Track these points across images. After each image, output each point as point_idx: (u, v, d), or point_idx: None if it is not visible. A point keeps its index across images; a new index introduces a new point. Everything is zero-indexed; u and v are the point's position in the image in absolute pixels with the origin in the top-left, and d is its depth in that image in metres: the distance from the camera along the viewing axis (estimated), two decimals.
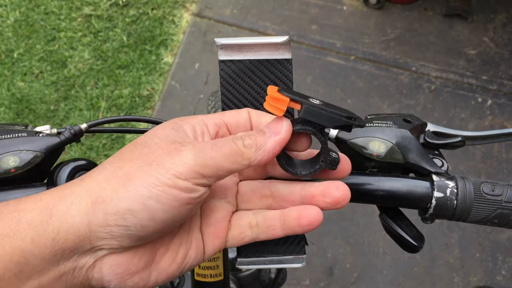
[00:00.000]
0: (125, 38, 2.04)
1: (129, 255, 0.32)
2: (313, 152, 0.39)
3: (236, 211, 0.39)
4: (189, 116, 0.37)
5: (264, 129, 0.34)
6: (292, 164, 0.37)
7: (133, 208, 0.30)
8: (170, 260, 0.34)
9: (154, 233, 0.32)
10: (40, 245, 0.29)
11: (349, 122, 0.34)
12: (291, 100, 0.33)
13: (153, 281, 0.34)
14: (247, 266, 0.43)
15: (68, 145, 0.49)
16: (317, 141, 0.36)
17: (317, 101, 0.34)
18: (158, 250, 0.34)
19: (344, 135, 0.45)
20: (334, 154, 0.37)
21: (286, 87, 0.41)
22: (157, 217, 0.30)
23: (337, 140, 0.46)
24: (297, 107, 0.34)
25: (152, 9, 2.12)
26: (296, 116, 0.36)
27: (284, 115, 0.34)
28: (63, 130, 0.46)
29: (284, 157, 0.36)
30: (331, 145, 0.41)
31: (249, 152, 0.32)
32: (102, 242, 0.31)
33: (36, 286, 0.30)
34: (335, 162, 0.36)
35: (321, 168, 0.36)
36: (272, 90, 0.34)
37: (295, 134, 0.35)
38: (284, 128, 0.34)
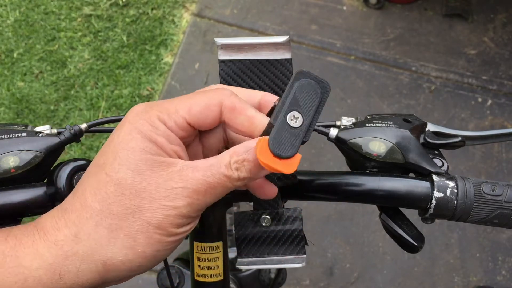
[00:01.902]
0: (125, 38, 2.04)
1: None
2: None
3: None
4: (152, 122, 0.34)
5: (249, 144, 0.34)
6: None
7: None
8: None
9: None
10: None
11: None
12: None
13: None
14: (247, 266, 0.43)
15: (68, 145, 0.48)
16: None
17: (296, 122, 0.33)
18: None
19: (344, 135, 0.45)
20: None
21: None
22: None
23: (337, 140, 0.46)
24: None
25: (152, 9, 2.12)
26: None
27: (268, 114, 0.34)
28: (63, 130, 0.46)
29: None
30: (331, 145, 0.41)
31: (235, 173, 0.33)
32: None
33: None
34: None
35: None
36: (263, 148, 0.31)
37: None
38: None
